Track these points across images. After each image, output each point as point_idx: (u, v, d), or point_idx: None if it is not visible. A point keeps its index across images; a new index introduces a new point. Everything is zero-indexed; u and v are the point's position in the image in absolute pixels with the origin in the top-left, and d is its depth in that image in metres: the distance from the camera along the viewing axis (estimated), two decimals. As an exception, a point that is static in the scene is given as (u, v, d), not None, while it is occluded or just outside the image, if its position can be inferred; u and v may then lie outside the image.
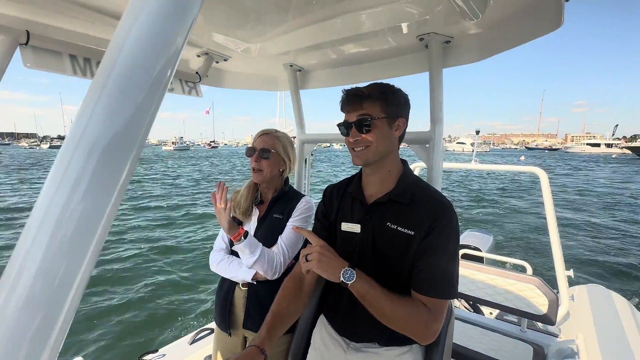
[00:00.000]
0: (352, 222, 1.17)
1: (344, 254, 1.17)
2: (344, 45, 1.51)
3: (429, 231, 1.00)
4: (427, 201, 1.06)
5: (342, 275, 0.96)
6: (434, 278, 0.99)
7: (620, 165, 40.52)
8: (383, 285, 1.04)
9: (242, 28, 1.33)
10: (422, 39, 1.33)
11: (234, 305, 1.54)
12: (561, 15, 0.97)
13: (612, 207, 14.17)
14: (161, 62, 0.34)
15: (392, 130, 1.09)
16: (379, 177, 1.14)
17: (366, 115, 1.05)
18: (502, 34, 1.21)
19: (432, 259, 0.99)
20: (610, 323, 2.35)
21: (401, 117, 1.09)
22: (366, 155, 1.08)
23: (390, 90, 1.08)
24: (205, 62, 1.67)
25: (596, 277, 6.45)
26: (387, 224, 1.08)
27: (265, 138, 1.57)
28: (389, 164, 1.13)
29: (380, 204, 1.11)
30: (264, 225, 1.57)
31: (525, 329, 2.31)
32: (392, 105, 1.07)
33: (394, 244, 1.06)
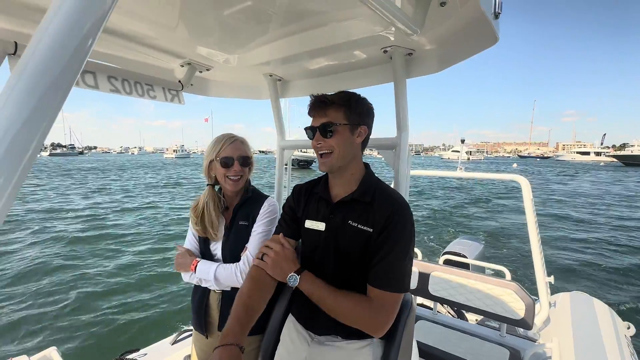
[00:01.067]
0: (317, 219, 1.24)
1: (308, 250, 1.27)
2: (318, 57, 1.62)
3: (384, 228, 1.07)
4: (384, 199, 1.14)
5: (288, 280, 1.12)
6: (384, 272, 1.05)
7: (607, 172, 44.50)
8: (345, 281, 1.13)
9: (223, 40, 1.43)
10: (387, 51, 1.44)
11: (209, 307, 1.58)
12: (493, 32, 1.09)
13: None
14: (63, 62, 0.35)
15: (354, 137, 1.16)
16: (343, 180, 1.22)
17: (329, 122, 1.13)
18: (452, 49, 1.34)
19: (384, 254, 1.06)
20: (587, 328, 2.40)
21: (363, 125, 1.17)
22: (330, 162, 1.15)
23: (354, 98, 1.16)
24: (188, 71, 1.76)
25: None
26: (349, 222, 1.15)
27: (239, 145, 1.57)
28: (352, 168, 1.21)
29: (344, 203, 1.19)
30: (232, 235, 1.57)
31: (505, 334, 2.36)
32: (354, 113, 1.15)
33: (354, 241, 1.13)
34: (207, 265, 1.52)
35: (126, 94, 1.55)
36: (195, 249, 1.62)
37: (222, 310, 1.55)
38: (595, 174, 39.98)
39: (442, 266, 2.61)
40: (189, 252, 1.60)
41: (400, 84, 1.49)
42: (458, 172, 3.27)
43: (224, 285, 1.50)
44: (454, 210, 14.26)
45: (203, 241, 1.61)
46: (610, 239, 10.20)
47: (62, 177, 27.49)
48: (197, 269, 1.52)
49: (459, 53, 1.33)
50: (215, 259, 1.59)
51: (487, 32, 1.11)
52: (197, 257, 1.58)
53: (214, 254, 1.59)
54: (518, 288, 2.23)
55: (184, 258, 1.57)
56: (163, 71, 1.76)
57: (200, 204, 1.60)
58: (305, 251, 1.29)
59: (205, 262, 1.54)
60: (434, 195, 19.27)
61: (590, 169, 54.44)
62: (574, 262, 8.05)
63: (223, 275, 1.48)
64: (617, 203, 17.45)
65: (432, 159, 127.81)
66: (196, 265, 1.52)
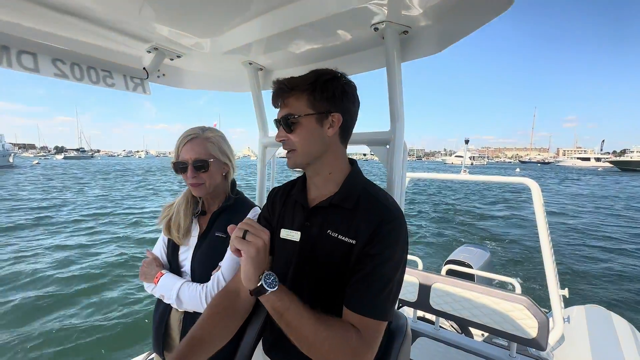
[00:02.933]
0: (293, 228, 1.03)
1: (280, 264, 1.04)
2: (300, 39, 1.41)
3: (370, 240, 0.87)
4: (372, 206, 0.92)
5: (264, 279, 0.79)
6: (369, 294, 0.84)
7: (603, 177, 47.93)
8: (321, 302, 0.90)
9: (191, 20, 1.23)
10: (377, 29, 1.23)
11: (170, 327, 1.37)
12: None
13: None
14: None
15: (324, 128, 0.95)
16: (320, 180, 1.01)
17: (289, 113, 0.94)
18: (456, 20, 1.12)
19: (368, 272, 0.85)
20: (607, 349, 2.18)
21: (335, 112, 0.94)
22: (294, 159, 0.97)
23: (321, 80, 0.93)
24: (155, 58, 1.55)
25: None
26: (327, 232, 0.94)
27: (194, 145, 1.31)
28: (329, 165, 0.99)
29: (321, 208, 0.98)
30: (204, 247, 1.35)
31: (515, 353, 2.12)
32: (321, 98, 0.93)
33: (333, 254, 0.92)
34: (172, 280, 1.30)
35: (75, 80, 1.33)
36: (162, 258, 1.41)
37: (184, 331, 1.33)
38: (588, 180, 41.48)
39: (444, 277, 2.38)
40: (157, 260, 1.39)
41: (394, 68, 1.26)
42: (462, 175, 3.06)
43: (186, 307, 1.28)
44: (457, 217, 13.93)
45: (172, 248, 1.39)
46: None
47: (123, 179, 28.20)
48: (159, 282, 1.31)
49: (464, 25, 1.11)
50: (182, 271, 1.37)
51: None
52: (163, 267, 1.37)
53: (182, 264, 1.38)
54: (530, 303, 2.00)
55: (149, 267, 1.37)
56: (127, 57, 1.55)
57: (174, 204, 1.42)
58: (279, 266, 1.07)
59: (170, 276, 1.32)
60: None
61: (588, 173, 57.38)
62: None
63: (187, 295, 1.26)
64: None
65: (435, 164, 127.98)
66: (159, 278, 1.31)
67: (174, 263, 1.38)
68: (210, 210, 1.42)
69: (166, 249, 1.41)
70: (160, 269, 1.35)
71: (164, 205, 1.45)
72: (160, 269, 1.35)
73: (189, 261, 1.35)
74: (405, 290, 2.49)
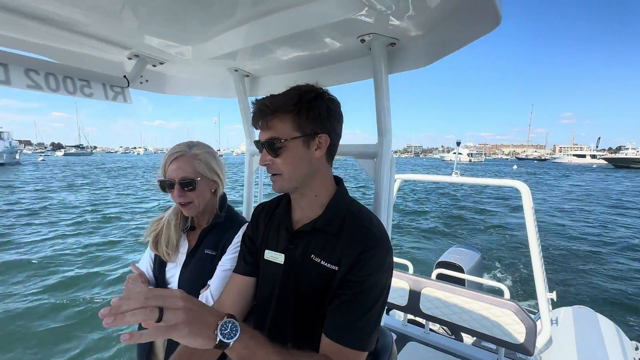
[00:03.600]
0: (277, 250, 0.99)
1: (265, 286, 1.01)
2: (287, 47, 1.37)
3: (352, 266, 0.84)
4: (355, 230, 0.89)
5: (220, 331, 0.64)
6: (348, 322, 0.81)
7: (597, 173, 50.13)
8: (303, 324, 0.88)
9: (173, 28, 1.18)
10: (364, 40, 1.19)
11: (154, 347, 1.34)
12: (495, 11, 0.85)
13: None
14: None
15: (311, 150, 0.91)
16: (305, 202, 0.98)
17: (274, 137, 0.88)
18: (443, 36, 1.09)
19: (350, 299, 0.82)
20: (594, 352, 2.20)
21: (322, 133, 0.90)
22: (280, 183, 0.93)
23: (306, 99, 0.89)
24: (136, 65, 1.50)
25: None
26: (311, 257, 0.91)
27: (181, 163, 1.25)
28: (316, 187, 0.96)
29: (305, 232, 0.94)
30: (192, 264, 1.31)
31: (503, 358, 2.14)
32: (307, 119, 0.88)
33: (316, 279, 0.90)
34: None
35: (50, 92, 1.28)
36: (148, 273, 1.37)
37: (169, 351, 1.29)
38: (579, 177, 42.53)
39: (434, 281, 2.38)
40: (143, 276, 1.34)
41: (381, 80, 1.23)
42: (453, 177, 3.06)
43: None
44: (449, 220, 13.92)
45: (159, 264, 1.35)
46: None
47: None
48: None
49: (452, 40, 1.08)
50: (169, 287, 1.33)
51: (487, 11, 0.86)
52: (149, 283, 1.33)
53: (169, 281, 1.34)
54: (518, 309, 2.01)
55: (134, 284, 1.30)
56: (105, 64, 1.50)
57: (163, 219, 1.37)
58: (263, 290, 1.03)
59: None
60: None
61: (584, 170, 59.24)
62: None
63: None
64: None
65: (432, 160, 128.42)
66: None
67: (161, 279, 1.34)
68: (200, 226, 1.38)
69: (152, 264, 1.37)
70: (146, 285, 1.31)
71: (152, 219, 1.40)
72: (147, 287, 1.30)
73: (177, 278, 1.31)
74: (396, 294, 2.50)
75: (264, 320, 1.01)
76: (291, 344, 0.93)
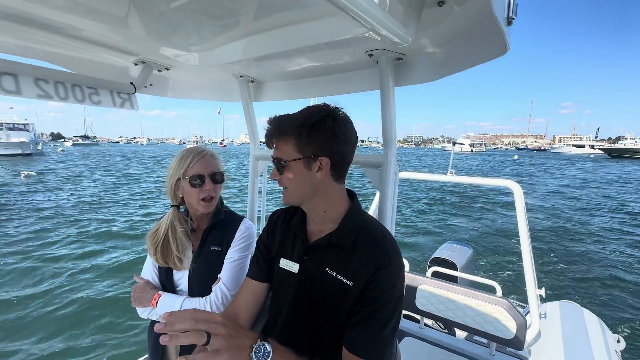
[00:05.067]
0: (292, 259, 1.04)
1: (279, 294, 1.07)
2: (294, 58, 1.39)
3: (369, 283, 0.88)
4: (369, 248, 0.92)
5: (255, 353, 0.72)
6: (369, 337, 0.87)
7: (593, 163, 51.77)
8: (318, 334, 0.94)
9: (180, 35, 1.19)
10: (372, 55, 1.21)
11: (167, 348, 1.38)
12: (504, 41, 0.87)
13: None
14: None
15: (312, 171, 0.93)
16: (317, 216, 1.02)
17: (279, 158, 0.95)
18: (450, 56, 1.11)
19: (370, 315, 0.87)
20: (579, 346, 2.32)
21: (322, 157, 0.92)
22: (287, 197, 0.99)
23: (308, 123, 0.90)
24: (142, 71, 1.50)
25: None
26: (326, 270, 0.96)
27: (209, 159, 1.37)
28: (322, 204, 0.99)
29: (320, 246, 0.99)
30: (200, 262, 1.36)
31: (494, 351, 2.25)
32: (309, 143, 0.91)
33: (331, 292, 0.94)
34: (172, 299, 1.31)
35: (60, 100, 1.29)
36: (154, 280, 1.40)
37: (183, 352, 1.33)
38: (572, 168, 43.05)
39: (430, 279, 2.47)
40: (149, 284, 1.38)
41: (387, 92, 1.25)
42: (448, 176, 3.08)
43: None
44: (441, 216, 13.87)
45: (165, 271, 1.38)
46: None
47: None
48: (159, 304, 1.30)
49: (458, 62, 1.10)
50: (178, 290, 1.37)
51: (495, 39, 0.88)
52: (158, 290, 1.36)
53: (177, 284, 1.38)
54: (510, 306, 2.10)
55: (143, 292, 1.35)
56: (111, 70, 1.50)
57: (161, 228, 1.37)
58: (276, 296, 1.09)
59: (169, 295, 1.33)
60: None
61: (583, 160, 61.15)
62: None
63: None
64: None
65: (434, 150, 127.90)
66: (158, 300, 1.31)
67: (169, 284, 1.38)
68: (200, 227, 1.43)
69: (157, 271, 1.40)
70: (155, 291, 1.35)
71: (147, 235, 1.40)
72: (157, 291, 1.35)
73: (185, 279, 1.36)
74: None
75: (275, 324, 1.07)
76: (305, 350, 0.97)
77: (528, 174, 32.91)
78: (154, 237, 1.37)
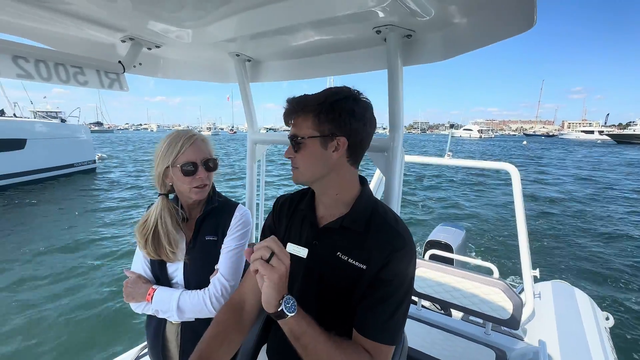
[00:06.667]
0: (300, 243, 0.99)
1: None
2: (295, 33, 1.28)
3: (382, 267, 0.88)
4: (383, 231, 0.92)
5: (284, 303, 0.79)
6: (382, 320, 0.86)
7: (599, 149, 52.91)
8: (326, 320, 0.91)
9: (170, 9, 1.09)
10: (380, 32, 1.11)
11: (167, 340, 1.33)
12: (533, 14, 0.79)
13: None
14: None
15: (328, 151, 0.91)
16: (327, 199, 0.99)
17: (295, 134, 0.93)
18: (470, 32, 1.00)
19: (383, 298, 0.87)
20: (571, 324, 2.44)
21: (340, 136, 0.89)
22: (296, 176, 0.97)
23: (328, 102, 0.88)
24: (131, 49, 1.41)
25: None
26: (337, 254, 0.94)
27: (201, 145, 1.28)
28: (334, 186, 0.96)
29: (331, 229, 0.97)
30: (196, 254, 1.29)
31: (490, 331, 2.29)
32: (326, 120, 0.88)
33: (343, 277, 0.93)
34: (167, 293, 1.25)
35: (42, 80, 1.21)
36: (146, 274, 1.33)
37: (183, 344, 1.31)
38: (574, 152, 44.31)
39: (427, 262, 2.49)
40: (142, 278, 1.31)
41: (395, 72, 1.16)
42: (446, 160, 3.07)
43: (188, 315, 1.24)
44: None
45: (158, 264, 1.31)
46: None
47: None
48: (153, 298, 1.24)
49: (475, 38, 1.00)
50: (173, 283, 1.31)
51: (525, 12, 0.80)
52: (151, 283, 1.30)
53: (172, 276, 1.31)
54: (506, 287, 2.14)
55: (135, 286, 1.28)
56: (97, 48, 1.41)
57: (150, 219, 1.29)
58: None
59: (164, 289, 1.27)
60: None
61: (585, 146, 62.37)
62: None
63: (189, 304, 1.22)
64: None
65: (442, 137, 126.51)
66: (152, 294, 1.25)
67: (163, 277, 1.31)
68: (192, 216, 1.35)
69: (149, 264, 1.33)
70: (149, 285, 1.28)
71: (135, 227, 1.32)
72: (150, 285, 1.28)
73: (181, 271, 1.29)
74: None
75: None
76: None
77: (536, 156, 35.53)
78: (143, 228, 1.29)
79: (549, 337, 2.22)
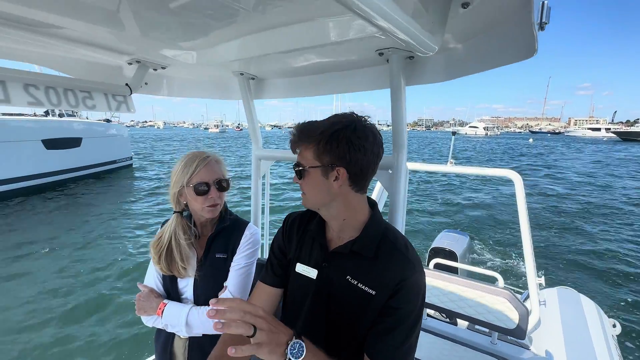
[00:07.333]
0: (309, 264, 1.02)
1: (295, 299, 1.04)
2: (298, 55, 1.31)
3: (393, 293, 0.88)
4: (394, 257, 0.92)
5: (290, 350, 0.76)
6: (392, 347, 0.87)
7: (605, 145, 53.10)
8: (335, 342, 0.93)
9: (176, 34, 1.12)
10: (382, 54, 1.13)
11: (174, 355, 1.37)
12: (534, 44, 0.79)
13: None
14: None
15: (329, 180, 0.90)
16: (335, 224, 0.99)
17: (298, 163, 0.95)
18: (471, 56, 1.02)
19: (393, 326, 0.87)
20: (578, 333, 2.39)
21: (339, 167, 0.89)
22: (305, 201, 0.99)
23: (328, 133, 0.88)
24: (137, 71, 1.44)
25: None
26: (347, 278, 0.94)
27: (213, 166, 1.32)
28: (341, 212, 0.96)
29: (341, 253, 0.97)
30: (205, 270, 1.33)
31: (496, 340, 2.28)
32: (325, 151, 0.88)
33: (352, 300, 0.93)
34: (177, 308, 1.29)
35: (52, 106, 1.24)
36: (158, 288, 1.38)
37: (190, 358, 1.34)
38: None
39: (432, 271, 2.48)
40: (154, 292, 1.35)
41: (398, 91, 1.17)
42: (448, 167, 3.07)
43: (197, 331, 1.28)
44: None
45: (169, 279, 1.36)
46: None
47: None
48: (164, 313, 1.28)
49: (476, 62, 1.01)
50: (183, 298, 1.35)
51: (523, 42, 0.80)
52: (162, 298, 1.34)
53: (182, 292, 1.35)
54: (512, 296, 2.11)
55: (147, 300, 1.33)
56: (104, 71, 1.44)
57: (165, 236, 1.33)
58: (292, 302, 1.07)
59: (174, 304, 1.30)
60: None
61: (588, 143, 62.38)
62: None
63: (197, 320, 1.26)
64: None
65: (447, 134, 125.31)
66: (163, 309, 1.29)
67: (173, 292, 1.35)
68: (204, 233, 1.39)
69: (161, 278, 1.38)
70: (160, 299, 1.33)
71: (150, 242, 1.37)
72: (161, 300, 1.33)
73: (191, 287, 1.33)
74: None
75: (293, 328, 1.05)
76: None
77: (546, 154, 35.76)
78: (158, 244, 1.34)
79: (555, 347, 2.19)
